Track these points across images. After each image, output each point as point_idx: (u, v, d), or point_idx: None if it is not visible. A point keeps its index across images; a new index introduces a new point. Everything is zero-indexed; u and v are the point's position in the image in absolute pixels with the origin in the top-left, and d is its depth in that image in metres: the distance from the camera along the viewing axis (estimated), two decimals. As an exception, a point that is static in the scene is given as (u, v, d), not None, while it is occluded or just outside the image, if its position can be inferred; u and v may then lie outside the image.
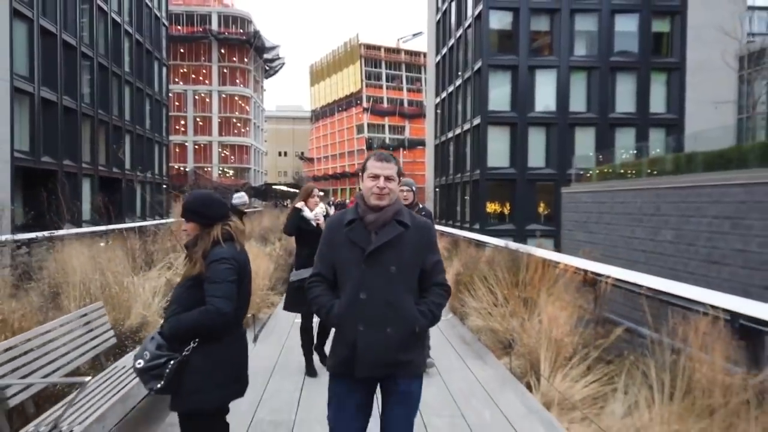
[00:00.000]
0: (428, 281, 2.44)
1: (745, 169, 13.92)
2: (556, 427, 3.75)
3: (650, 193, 17.07)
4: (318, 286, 2.43)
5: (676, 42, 33.64)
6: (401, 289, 2.36)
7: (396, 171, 2.47)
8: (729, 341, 3.41)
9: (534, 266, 5.96)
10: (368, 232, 2.37)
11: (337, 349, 2.39)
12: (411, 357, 2.37)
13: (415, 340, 2.38)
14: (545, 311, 4.81)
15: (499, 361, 5.14)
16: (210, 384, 2.39)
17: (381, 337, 2.30)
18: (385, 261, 2.34)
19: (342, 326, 2.36)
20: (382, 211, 2.39)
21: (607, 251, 17.28)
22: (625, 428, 3.45)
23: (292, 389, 4.50)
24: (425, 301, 2.41)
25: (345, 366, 2.33)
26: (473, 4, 35.21)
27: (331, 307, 2.36)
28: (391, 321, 2.32)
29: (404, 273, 2.37)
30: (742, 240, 12.89)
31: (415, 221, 2.47)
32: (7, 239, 6.38)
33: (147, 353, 2.32)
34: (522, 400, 4.25)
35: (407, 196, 5.00)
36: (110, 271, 5.20)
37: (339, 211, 3.12)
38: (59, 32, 27.02)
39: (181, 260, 8.03)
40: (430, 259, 2.44)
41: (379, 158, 2.46)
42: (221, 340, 2.43)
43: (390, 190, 2.40)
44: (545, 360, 4.38)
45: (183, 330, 2.36)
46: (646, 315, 4.21)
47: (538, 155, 33.71)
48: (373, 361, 2.30)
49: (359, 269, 2.34)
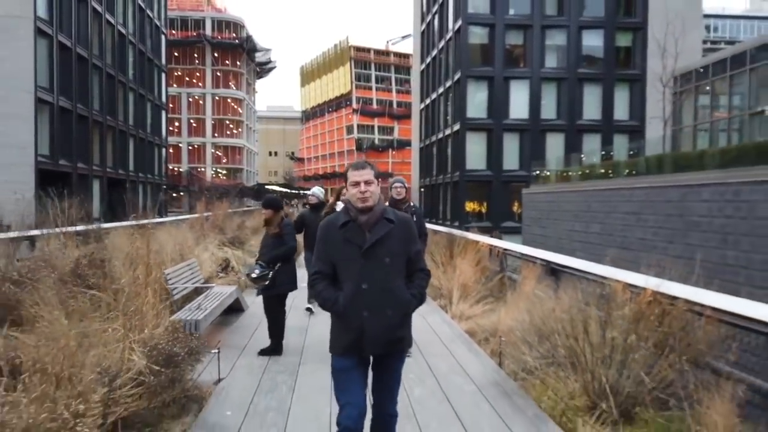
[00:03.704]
0: (413, 268, 2.80)
1: (645, 175, 17.20)
2: (455, 326, 6.69)
3: (583, 194, 20.45)
4: (321, 281, 2.76)
5: (637, 55, 36.84)
6: (395, 277, 2.70)
7: (373, 174, 2.74)
8: (543, 276, 6.36)
9: (463, 244, 8.91)
10: (362, 231, 2.68)
11: (342, 335, 2.71)
12: (406, 332, 2.81)
13: (407, 319, 2.82)
14: (460, 268, 7.75)
15: (434, 301, 8.07)
16: (286, 281, 5.29)
17: (384, 319, 2.64)
18: (380, 254, 2.67)
19: (348, 314, 2.66)
20: (372, 212, 2.69)
21: (556, 243, 20.55)
22: (490, 324, 6.38)
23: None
24: (413, 285, 2.78)
25: (353, 348, 2.67)
26: (453, 19, 38.21)
27: (337, 299, 2.68)
28: (390, 304, 2.66)
29: (396, 262, 2.71)
30: (642, 230, 16.18)
31: (398, 217, 2.79)
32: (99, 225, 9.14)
33: (257, 270, 5.17)
34: (441, 316, 7.20)
35: (401, 191, 5.71)
36: (186, 245, 8.07)
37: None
38: (74, 46, 29.64)
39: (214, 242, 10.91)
40: (413, 248, 2.80)
41: (356, 167, 2.77)
42: (290, 261, 5.33)
43: (371, 192, 2.69)
44: (455, 295, 7.33)
45: (276, 257, 5.23)
46: (517, 268, 7.21)
47: (513, 159, 36.74)
48: (379, 339, 2.65)
49: (358, 263, 2.65)
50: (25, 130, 25.16)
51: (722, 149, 16.68)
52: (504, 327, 5.39)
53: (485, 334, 6.02)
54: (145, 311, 4.34)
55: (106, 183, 33.85)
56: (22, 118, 25.08)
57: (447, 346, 5.82)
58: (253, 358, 5.25)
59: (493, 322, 6.17)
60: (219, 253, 9.95)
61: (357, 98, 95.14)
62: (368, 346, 2.67)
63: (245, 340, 5.92)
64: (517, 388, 4.44)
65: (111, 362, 3.43)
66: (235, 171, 76.95)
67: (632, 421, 3.77)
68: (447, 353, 5.55)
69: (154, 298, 4.45)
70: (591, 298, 4.46)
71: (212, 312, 5.62)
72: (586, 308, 4.37)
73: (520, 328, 4.87)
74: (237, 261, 10.13)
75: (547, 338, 4.50)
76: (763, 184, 12.24)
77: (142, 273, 4.55)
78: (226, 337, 5.90)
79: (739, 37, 79.71)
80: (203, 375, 4.38)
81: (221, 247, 10.67)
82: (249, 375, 4.77)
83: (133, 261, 5.27)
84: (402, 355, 2.87)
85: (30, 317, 4.41)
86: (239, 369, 4.93)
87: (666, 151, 19.75)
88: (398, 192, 5.69)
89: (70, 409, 2.56)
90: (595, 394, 3.89)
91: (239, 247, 11.30)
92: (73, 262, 5.19)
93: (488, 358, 5.34)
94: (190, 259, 7.04)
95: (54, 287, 4.19)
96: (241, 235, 12.30)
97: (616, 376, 3.88)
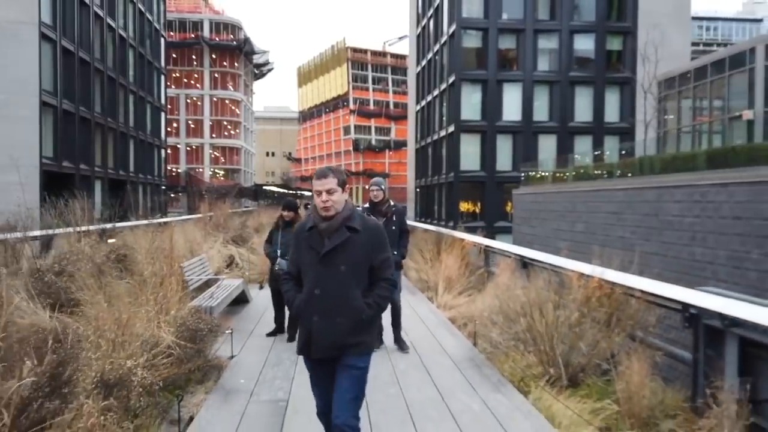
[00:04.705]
0: (377, 276, 2.79)
1: (625, 177, 18.10)
2: (439, 314, 7.47)
3: (569, 194, 21.36)
4: (288, 282, 2.89)
5: (627, 59, 37.70)
6: (350, 285, 2.71)
7: (336, 182, 2.74)
8: (516, 268, 7.15)
9: (450, 242, 9.68)
10: (322, 238, 2.72)
11: (300, 335, 2.84)
12: (360, 339, 2.75)
13: (363, 326, 2.75)
14: (445, 263, 8.54)
15: (422, 293, 8.84)
16: None
17: (333, 325, 2.67)
18: (337, 262, 2.69)
19: (301, 317, 2.78)
20: (332, 220, 2.72)
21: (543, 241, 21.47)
22: (469, 311, 7.15)
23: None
24: (372, 294, 2.76)
25: (303, 350, 2.78)
26: (448, 23, 39.02)
27: (294, 301, 2.82)
28: (341, 312, 2.68)
29: (353, 271, 2.72)
30: (622, 229, 17.10)
31: (366, 224, 2.79)
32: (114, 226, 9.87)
33: (283, 263, 5.83)
34: (427, 306, 7.98)
35: (377, 194, 5.56)
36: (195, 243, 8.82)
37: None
38: (76, 50, 30.32)
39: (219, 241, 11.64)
40: (379, 257, 2.78)
41: (318, 176, 2.76)
42: None
43: (333, 202, 2.71)
44: (441, 287, 8.12)
45: None
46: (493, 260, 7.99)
47: (506, 160, 37.55)
48: (325, 345, 2.70)
49: (315, 269, 2.72)
50: (30, 132, 25.85)
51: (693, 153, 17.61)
52: (479, 312, 6.17)
53: (464, 320, 6.80)
54: (170, 297, 5.10)
55: (107, 184, 34.52)
56: (27, 121, 25.78)
57: (431, 330, 6.60)
58: (261, 340, 6.01)
59: (472, 309, 6.95)
60: (224, 250, 10.70)
61: (354, 99, 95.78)
62: (314, 350, 2.72)
63: (252, 325, 6.68)
64: (486, 361, 5.22)
65: (147, 336, 4.19)
66: (233, 171, 77.51)
67: (578, 385, 4.55)
68: (430, 336, 6.32)
69: (177, 285, 5.20)
70: (551, 286, 5.24)
71: (223, 300, 6.38)
72: (547, 294, 5.15)
73: (491, 312, 5.65)
74: (241, 258, 10.89)
75: (512, 319, 5.28)
76: (726, 186, 13.16)
77: (167, 265, 5.30)
78: (236, 323, 6.65)
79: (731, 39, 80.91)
80: (219, 351, 5.14)
81: (225, 245, 11.42)
82: (258, 352, 5.53)
83: (153, 255, 6.02)
84: (356, 358, 2.76)
85: (70, 303, 5.17)
86: (249, 347, 5.69)
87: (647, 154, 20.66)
88: (375, 195, 5.58)
89: (127, 365, 3.32)
90: (549, 364, 4.67)
91: (242, 245, 12.04)
92: (105, 255, 5.94)
93: (465, 339, 6.12)
94: (200, 255, 7.81)
95: (93, 276, 4.94)
96: (243, 234, 13.04)
97: (566, 349, 4.66)
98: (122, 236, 8.53)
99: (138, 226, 8.61)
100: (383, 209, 5.59)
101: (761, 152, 14.16)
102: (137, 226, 8.46)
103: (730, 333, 3.53)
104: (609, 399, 4.07)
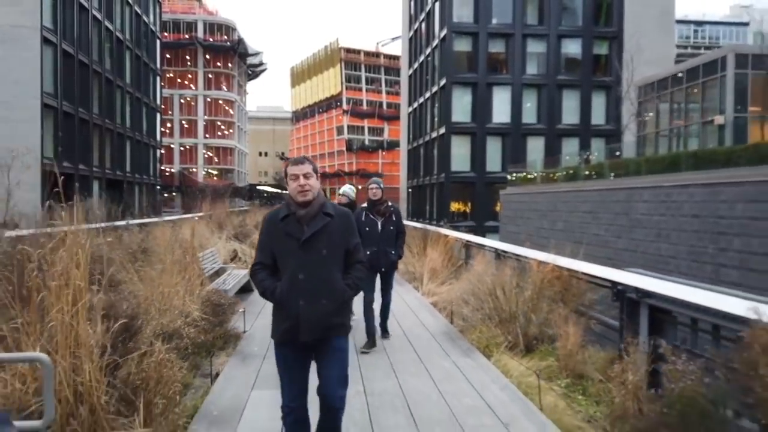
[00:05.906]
0: (351, 259, 2.96)
1: (600, 179, 19.30)
2: (423, 300, 8.46)
3: (550, 195, 22.52)
4: (261, 271, 2.92)
5: (613, 63, 38.90)
6: (332, 268, 2.86)
7: (312, 168, 2.87)
8: (492, 259, 8.14)
9: (435, 237, 10.68)
10: (301, 225, 2.82)
11: (280, 322, 2.88)
12: (342, 320, 2.94)
13: (344, 307, 2.95)
14: (430, 257, 9.53)
15: (409, 283, 9.82)
16: None
17: (319, 307, 2.80)
18: (318, 246, 2.82)
19: (285, 302, 2.82)
20: (310, 206, 2.83)
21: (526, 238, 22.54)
22: (449, 297, 8.13)
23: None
24: (350, 276, 2.94)
25: (289, 334, 2.83)
26: (439, 27, 40.06)
27: (275, 288, 2.85)
28: (325, 294, 2.82)
29: (333, 254, 2.86)
30: (597, 227, 18.27)
31: (338, 211, 2.94)
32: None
33: None
34: (413, 294, 8.98)
35: (376, 192, 5.68)
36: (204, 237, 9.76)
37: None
38: (76, 53, 31.06)
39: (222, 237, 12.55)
40: (352, 241, 2.95)
41: (295, 162, 2.89)
42: None
43: (310, 186, 2.83)
44: (425, 277, 9.11)
45: None
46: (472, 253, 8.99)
47: (495, 161, 38.61)
48: (314, 327, 2.80)
49: (296, 255, 2.80)
50: (32, 133, 26.59)
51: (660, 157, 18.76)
52: (455, 296, 7.15)
53: (444, 304, 7.78)
54: (192, 280, 6.04)
55: (105, 184, 35.26)
56: (29, 123, 26.54)
57: (414, 312, 7.58)
58: (268, 319, 6.86)
59: (452, 295, 7.93)
60: (228, 245, 11.64)
61: (347, 99, 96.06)
62: (303, 333, 2.79)
63: (259, 308, 7.61)
64: (458, 333, 6.21)
65: (181, 308, 5.14)
66: (226, 171, 77.93)
67: (532, 351, 5.54)
68: (414, 316, 7.30)
69: (199, 270, 6.15)
70: (515, 272, 6.24)
71: (234, 286, 7.34)
72: (510, 278, 6.15)
73: (465, 294, 6.64)
74: (243, 253, 11.83)
75: (481, 299, 6.27)
76: (687, 188, 14.29)
77: (189, 254, 6.24)
78: (246, 306, 7.60)
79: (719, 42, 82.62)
80: (234, 326, 6.09)
81: (228, 241, 12.36)
82: (266, 328, 6.34)
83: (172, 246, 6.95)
84: (340, 339, 2.94)
85: (110, 282, 6.10)
86: (258, 325, 6.63)
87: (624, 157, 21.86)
88: (374, 193, 5.68)
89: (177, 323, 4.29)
90: (509, 334, 5.67)
91: (243, 241, 12.97)
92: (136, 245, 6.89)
93: (443, 318, 7.11)
94: (211, 248, 8.75)
95: (130, 260, 5.89)
96: (243, 230, 13.97)
97: (524, 321, 5.66)
98: (135, 231, 9.46)
99: (156, 222, 9.49)
100: (382, 209, 5.76)
101: (720, 156, 15.31)
102: (156, 223, 9.34)
103: (643, 302, 4.53)
104: (552, 358, 5.07)
